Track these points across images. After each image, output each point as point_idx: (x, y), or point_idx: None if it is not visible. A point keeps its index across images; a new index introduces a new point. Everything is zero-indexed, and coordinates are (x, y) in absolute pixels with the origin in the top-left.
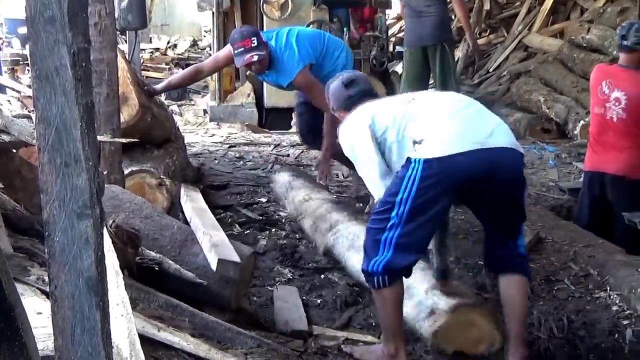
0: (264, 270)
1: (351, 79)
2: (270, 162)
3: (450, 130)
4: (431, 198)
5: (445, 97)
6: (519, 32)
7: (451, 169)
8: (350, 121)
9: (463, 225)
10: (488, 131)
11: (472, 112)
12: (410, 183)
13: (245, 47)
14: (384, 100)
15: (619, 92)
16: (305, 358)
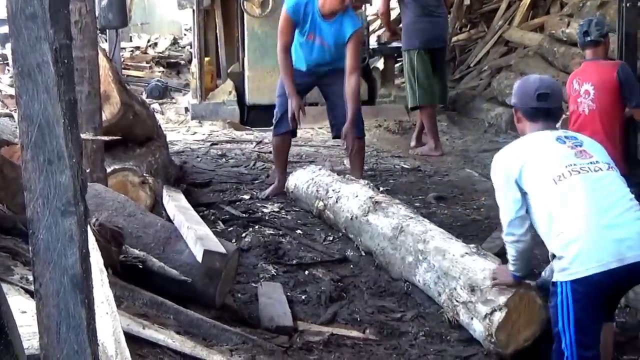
0: (248, 267)
1: (547, 91)
2: (252, 160)
3: (587, 244)
4: (588, 314)
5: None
6: (500, 27)
7: (598, 290)
8: (503, 156)
9: (446, 219)
10: (627, 243)
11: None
12: (565, 308)
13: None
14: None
15: (587, 84)
16: (291, 354)
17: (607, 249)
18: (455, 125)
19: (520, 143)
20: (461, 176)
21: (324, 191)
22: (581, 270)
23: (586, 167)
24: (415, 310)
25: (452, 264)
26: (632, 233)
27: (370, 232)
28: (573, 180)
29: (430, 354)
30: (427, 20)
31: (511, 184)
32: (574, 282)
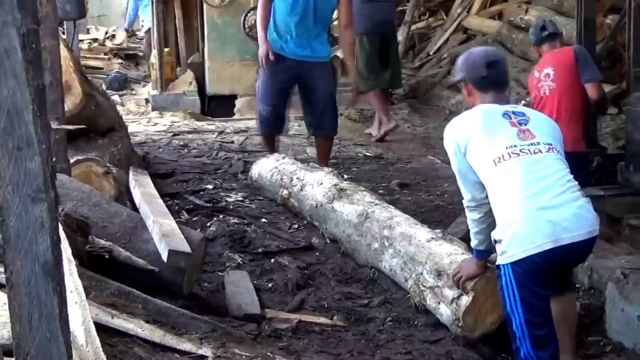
0: (214, 256)
1: (495, 59)
2: (215, 150)
3: (523, 225)
4: (533, 294)
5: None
6: (458, 15)
7: (532, 269)
8: (454, 127)
9: (410, 206)
10: (562, 223)
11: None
12: (510, 290)
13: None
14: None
15: (547, 69)
16: (260, 341)
17: (542, 230)
18: (416, 112)
19: (469, 116)
20: (423, 163)
21: (288, 179)
22: (518, 253)
23: (526, 149)
24: (382, 296)
25: (418, 249)
26: (568, 214)
27: (336, 219)
28: (511, 163)
29: (398, 339)
30: (371, 6)
31: (461, 154)
32: (513, 264)
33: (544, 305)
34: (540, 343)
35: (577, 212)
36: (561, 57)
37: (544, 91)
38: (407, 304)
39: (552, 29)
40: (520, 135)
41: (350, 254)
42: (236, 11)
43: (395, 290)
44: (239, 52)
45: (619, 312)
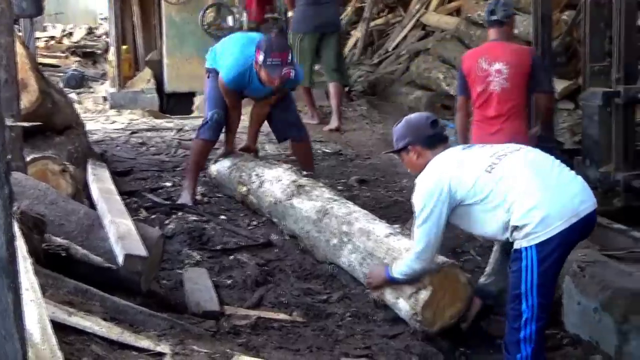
0: (173, 254)
1: (435, 119)
2: (173, 147)
3: (549, 206)
4: (551, 275)
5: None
6: (417, 11)
7: (562, 245)
8: (430, 176)
9: (369, 202)
10: (578, 197)
11: (558, 177)
12: (529, 272)
13: (283, 59)
14: (462, 157)
15: (499, 64)
16: (219, 338)
17: (566, 207)
18: (375, 109)
19: (437, 164)
20: (382, 159)
21: (247, 176)
22: (548, 231)
23: (507, 150)
24: (340, 291)
25: (377, 244)
26: (577, 189)
27: (295, 215)
28: (505, 162)
29: (357, 334)
30: (314, 8)
31: (443, 207)
32: (539, 245)
33: (554, 289)
34: (543, 327)
35: (582, 187)
36: (517, 59)
37: (493, 87)
38: (365, 299)
39: (500, 15)
40: (493, 148)
41: (309, 250)
42: (194, 8)
43: (354, 285)
44: (197, 49)
45: (576, 305)
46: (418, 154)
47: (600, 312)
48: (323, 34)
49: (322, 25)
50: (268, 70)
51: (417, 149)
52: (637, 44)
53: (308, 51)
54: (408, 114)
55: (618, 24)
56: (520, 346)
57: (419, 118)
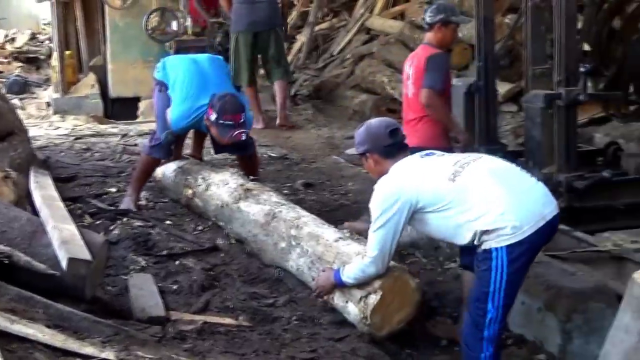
0: (118, 260)
1: (395, 128)
2: (118, 153)
3: (518, 211)
4: (520, 276)
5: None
6: (361, 15)
7: (531, 249)
8: (388, 183)
9: (315, 205)
10: (541, 201)
11: (521, 183)
12: (499, 272)
13: (235, 121)
14: (424, 165)
15: (409, 67)
16: (164, 343)
17: (534, 211)
18: (320, 113)
19: (397, 172)
20: (328, 163)
21: (193, 179)
22: (518, 234)
23: (469, 159)
24: (287, 295)
25: (326, 248)
26: (540, 193)
27: (242, 219)
28: (468, 171)
29: (304, 338)
30: (247, 7)
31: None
32: (509, 246)
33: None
34: (503, 329)
35: (545, 191)
36: (418, 63)
37: (407, 91)
38: (312, 302)
39: (428, 19)
40: (453, 157)
41: (256, 253)
42: (138, 13)
43: (300, 289)
44: (141, 53)
45: (520, 305)
46: (376, 162)
47: (544, 312)
48: (258, 33)
49: (255, 23)
50: (219, 131)
51: (375, 157)
52: (578, 47)
53: (243, 50)
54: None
55: (558, 27)
56: (483, 345)
57: (379, 126)
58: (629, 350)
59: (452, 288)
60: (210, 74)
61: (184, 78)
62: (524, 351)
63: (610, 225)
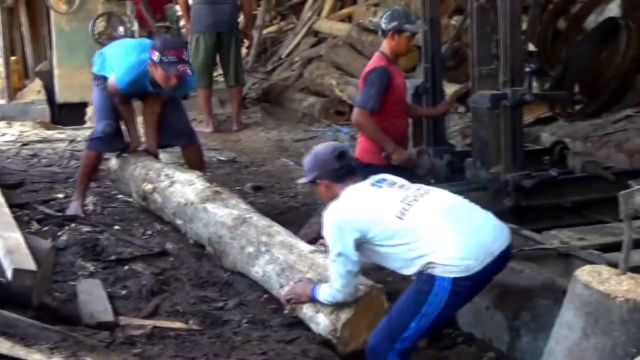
0: (66, 266)
1: (343, 151)
2: (65, 158)
3: (465, 249)
4: (454, 309)
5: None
6: (309, 18)
7: (477, 284)
8: (338, 210)
9: (264, 208)
10: (491, 237)
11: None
12: (437, 299)
13: (179, 56)
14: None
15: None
16: (113, 349)
17: (481, 248)
18: (269, 116)
19: (346, 201)
20: (277, 166)
21: (155, 175)
22: (463, 270)
23: (417, 194)
24: (237, 298)
25: (300, 258)
26: (490, 228)
27: (206, 219)
28: (416, 207)
29: (254, 340)
30: (207, 7)
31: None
32: (454, 279)
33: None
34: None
35: (494, 224)
36: (363, 74)
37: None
38: (262, 305)
39: (383, 26)
40: (402, 189)
41: (216, 255)
42: (84, 18)
43: (249, 292)
44: (88, 59)
45: (469, 304)
46: (327, 187)
47: (492, 310)
48: (219, 34)
49: (217, 24)
50: (164, 67)
51: (325, 182)
52: (523, 47)
53: (205, 51)
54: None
55: (503, 28)
56: (388, 355)
57: (325, 152)
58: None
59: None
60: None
61: (125, 45)
62: (474, 349)
63: (557, 223)
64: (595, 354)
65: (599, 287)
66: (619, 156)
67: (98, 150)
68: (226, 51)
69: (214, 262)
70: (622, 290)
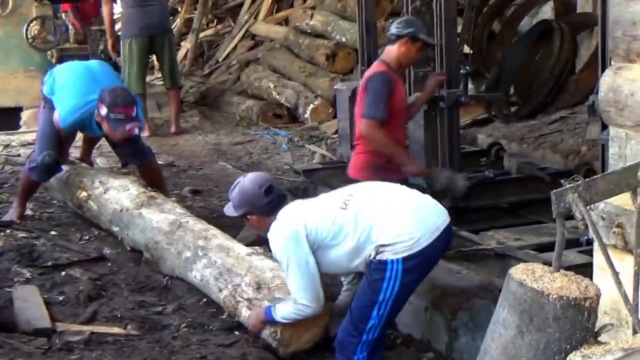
0: (1, 272)
1: (268, 184)
2: (0, 163)
3: (414, 225)
4: (411, 288)
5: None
6: (246, 21)
7: (427, 259)
8: (281, 226)
9: (203, 212)
10: (434, 212)
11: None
12: (392, 282)
13: (127, 115)
14: (312, 202)
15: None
16: (51, 355)
17: (429, 223)
18: (207, 119)
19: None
20: (215, 169)
21: (90, 182)
22: (414, 246)
23: (354, 187)
24: (176, 302)
25: (238, 261)
26: (431, 205)
27: (142, 225)
28: (357, 196)
29: (193, 344)
30: (138, 10)
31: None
32: (405, 258)
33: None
34: (383, 337)
35: (434, 203)
36: (363, 82)
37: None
38: (201, 309)
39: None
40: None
41: (154, 261)
42: (18, 21)
43: (189, 296)
44: (23, 63)
45: (408, 305)
46: (259, 221)
47: (430, 311)
48: (152, 37)
49: (149, 27)
50: (110, 125)
51: (256, 217)
52: (458, 49)
53: (137, 55)
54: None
55: (439, 30)
56: (357, 348)
57: (252, 188)
58: (507, 344)
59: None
60: (100, 74)
61: (73, 78)
62: (412, 350)
63: (494, 224)
64: (530, 351)
65: (533, 285)
66: (554, 157)
67: (35, 180)
68: (160, 53)
69: (152, 267)
70: (556, 288)
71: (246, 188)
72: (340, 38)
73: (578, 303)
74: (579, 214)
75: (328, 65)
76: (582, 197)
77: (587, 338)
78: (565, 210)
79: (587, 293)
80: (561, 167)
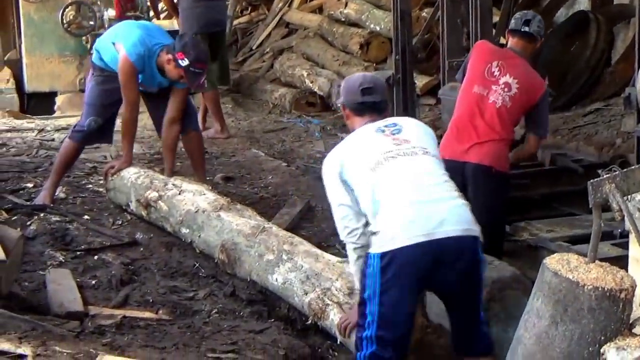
0: (35, 255)
1: (370, 86)
2: (35, 148)
3: (402, 220)
4: (395, 289)
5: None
6: (280, 9)
7: (402, 261)
8: (328, 158)
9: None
10: (439, 218)
11: (432, 193)
12: (374, 279)
13: (204, 69)
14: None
15: (510, 78)
16: (83, 338)
17: (417, 224)
18: (240, 107)
19: (344, 142)
20: (248, 156)
21: (161, 184)
22: (390, 244)
23: (402, 152)
24: (207, 288)
25: (328, 266)
26: (444, 210)
27: (220, 227)
28: (389, 165)
29: (224, 330)
30: (204, 5)
31: (339, 183)
32: (382, 255)
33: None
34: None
35: (452, 209)
36: (530, 86)
37: (494, 99)
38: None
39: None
40: (395, 142)
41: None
42: (54, 7)
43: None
44: (57, 48)
45: None
46: (347, 116)
47: None
48: (213, 33)
49: (213, 22)
50: (188, 76)
51: (347, 111)
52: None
53: None
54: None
55: (474, 21)
56: (363, 344)
57: (354, 82)
58: (540, 333)
59: None
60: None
61: (133, 26)
62: (443, 341)
63: (527, 216)
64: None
65: (568, 275)
66: (588, 149)
67: (78, 142)
68: (217, 50)
69: (184, 252)
70: (591, 279)
71: (350, 79)
72: (375, 27)
73: (613, 294)
74: (615, 204)
75: (362, 54)
76: (619, 187)
77: (622, 330)
78: (601, 201)
79: (622, 284)
80: (595, 159)
